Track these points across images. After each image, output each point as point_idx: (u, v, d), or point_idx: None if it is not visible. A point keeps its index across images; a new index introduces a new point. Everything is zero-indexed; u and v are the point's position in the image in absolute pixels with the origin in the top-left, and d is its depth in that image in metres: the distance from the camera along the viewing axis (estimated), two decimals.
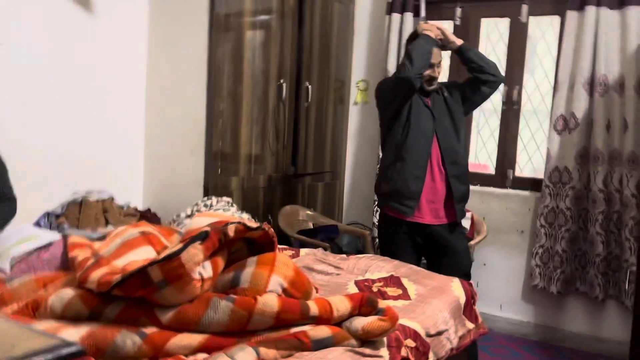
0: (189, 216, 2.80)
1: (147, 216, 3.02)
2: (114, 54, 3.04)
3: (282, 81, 3.37)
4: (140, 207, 3.11)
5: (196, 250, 1.55)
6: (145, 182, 3.29)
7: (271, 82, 3.31)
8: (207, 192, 3.11)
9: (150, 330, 1.49)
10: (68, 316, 1.56)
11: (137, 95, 3.17)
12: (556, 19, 3.38)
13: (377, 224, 3.20)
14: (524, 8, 3.39)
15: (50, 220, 2.77)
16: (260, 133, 3.28)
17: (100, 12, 2.97)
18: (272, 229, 1.82)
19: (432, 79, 2.56)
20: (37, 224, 2.72)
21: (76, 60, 2.90)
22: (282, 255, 1.83)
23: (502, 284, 3.57)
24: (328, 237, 3.37)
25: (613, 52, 2.99)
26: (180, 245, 1.56)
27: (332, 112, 3.95)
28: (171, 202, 3.14)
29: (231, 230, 1.64)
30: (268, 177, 3.39)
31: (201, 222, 1.85)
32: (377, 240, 3.19)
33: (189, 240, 1.57)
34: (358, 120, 4.05)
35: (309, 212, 3.61)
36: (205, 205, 2.89)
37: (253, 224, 1.73)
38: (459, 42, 2.56)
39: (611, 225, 3.05)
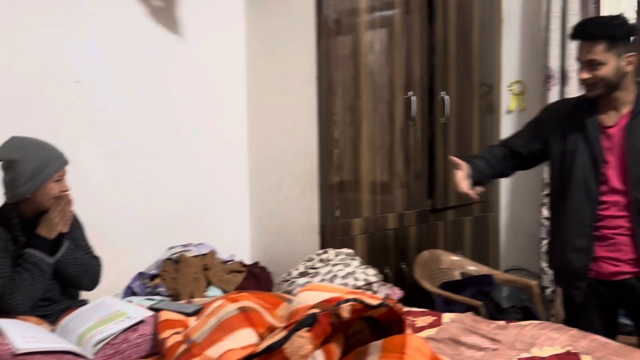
0: (302, 274, 2.80)
1: (255, 272, 3.03)
2: (209, 84, 3.12)
3: (410, 94, 3.25)
4: (248, 261, 3.16)
5: (303, 340, 1.55)
6: (252, 230, 3.33)
7: (397, 96, 3.21)
8: (323, 238, 3.04)
9: None
10: None
11: (238, 130, 3.26)
12: None
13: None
14: None
15: (144, 282, 2.87)
16: (386, 161, 3.19)
17: (190, 36, 3.02)
18: (399, 305, 1.79)
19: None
20: (130, 288, 2.82)
21: (165, 97, 2.96)
22: (415, 337, 1.78)
23: None
24: (481, 291, 3.14)
25: None
26: (284, 333, 1.58)
27: (477, 125, 3.72)
28: (283, 253, 3.15)
29: (345, 311, 1.62)
30: (398, 215, 3.28)
31: (309, 298, 1.82)
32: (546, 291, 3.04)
33: (294, 326, 1.57)
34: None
35: (454, 257, 3.40)
36: (321, 260, 2.83)
37: (374, 300, 1.72)
38: None
39: None
